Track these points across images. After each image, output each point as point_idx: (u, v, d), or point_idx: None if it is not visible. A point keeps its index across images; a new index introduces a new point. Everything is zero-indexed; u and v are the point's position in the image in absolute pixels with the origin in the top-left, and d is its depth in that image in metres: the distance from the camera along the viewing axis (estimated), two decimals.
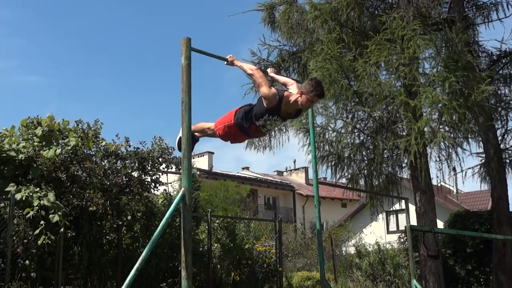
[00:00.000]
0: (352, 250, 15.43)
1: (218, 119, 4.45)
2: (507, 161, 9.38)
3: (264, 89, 4.00)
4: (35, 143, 7.58)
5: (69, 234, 7.04)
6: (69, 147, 7.69)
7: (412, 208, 14.01)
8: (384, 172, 9.16)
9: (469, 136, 7.65)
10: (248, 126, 4.23)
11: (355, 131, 8.88)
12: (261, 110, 4.10)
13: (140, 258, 3.39)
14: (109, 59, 50.87)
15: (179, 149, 4.48)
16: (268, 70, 4.81)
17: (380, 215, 10.84)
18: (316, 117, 8.73)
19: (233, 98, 54.02)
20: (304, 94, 4.01)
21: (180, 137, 4.38)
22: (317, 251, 5.42)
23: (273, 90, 4.04)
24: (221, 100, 54.32)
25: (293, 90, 4.29)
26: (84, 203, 7.25)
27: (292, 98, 4.07)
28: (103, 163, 8.07)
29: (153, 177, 8.42)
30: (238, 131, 4.31)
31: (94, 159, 8.07)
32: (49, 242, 6.49)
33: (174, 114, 62.59)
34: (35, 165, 7.18)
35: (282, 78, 4.65)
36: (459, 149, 7.68)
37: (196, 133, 4.69)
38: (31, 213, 6.58)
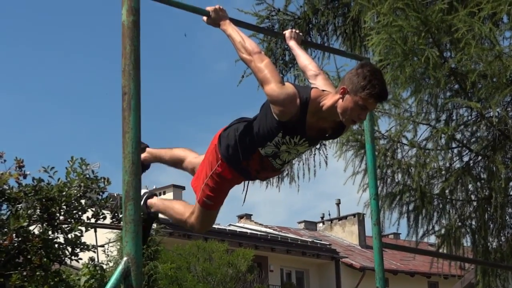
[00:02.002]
0: None
1: (195, 174, 4.58)
2: None
3: (272, 87, 4.01)
4: None
5: None
6: None
7: None
8: (509, 224, 9.11)
9: None
10: (246, 158, 4.27)
11: (454, 145, 8.86)
12: (269, 127, 4.13)
13: None
14: None
15: None
16: (287, 33, 4.83)
17: None
18: (379, 119, 8.72)
19: (220, 83, 54.25)
20: (348, 94, 4.00)
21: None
22: None
23: (289, 87, 4.05)
24: (198, 90, 54.49)
25: (320, 85, 4.31)
26: None
27: (327, 102, 4.08)
28: None
29: (70, 235, 8.40)
30: (232, 174, 4.37)
31: None
32: None
33: (111, 115, 62.87)
34: None
35: (304, 56, 4.68)
36: None
37: (151, 156, 4.84)
38: None
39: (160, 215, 4.90)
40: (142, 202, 4.72)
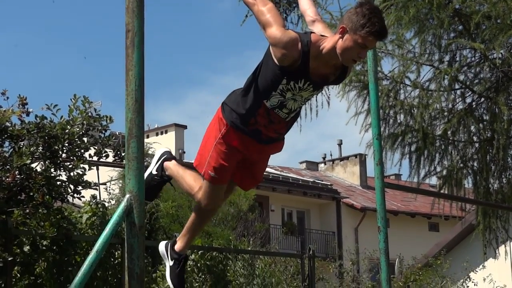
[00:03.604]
0: None
1: (197, 154, 4.55)
2: None
3: (274, 30, 4.01)
4: None
5: None
6: None
7: None
8: (511, 165, 9.15)
9: None
10: (253, 115, 4.24)
11: (457, 87, 8.86)
12: (273, 76, 4.12)
13: None
14: None
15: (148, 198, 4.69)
16: None
17: (503, 247, 10.80)
18: (382, 60, 8.71)
19: (224, 23, 53.84)
20: (348, 33, 4.00)
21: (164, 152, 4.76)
22: None
23: (291, 32, 4.06)
24: (200, 29, 54.15)
25: (319, 31, 4.29)
26: None
27: (327, 45, 4.07)
28: None
29: (72, 173, 8.44)
30: (239, 139, 4.33)
31: None
32: None
33: (113, 53, 62.64)
34: None
35: (305, 0, 4.59)
36: None
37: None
38: None
39: None
40: (159, 163, 4.73)
